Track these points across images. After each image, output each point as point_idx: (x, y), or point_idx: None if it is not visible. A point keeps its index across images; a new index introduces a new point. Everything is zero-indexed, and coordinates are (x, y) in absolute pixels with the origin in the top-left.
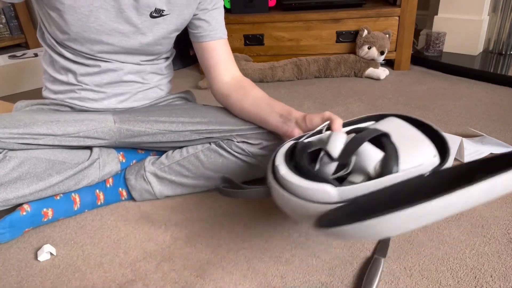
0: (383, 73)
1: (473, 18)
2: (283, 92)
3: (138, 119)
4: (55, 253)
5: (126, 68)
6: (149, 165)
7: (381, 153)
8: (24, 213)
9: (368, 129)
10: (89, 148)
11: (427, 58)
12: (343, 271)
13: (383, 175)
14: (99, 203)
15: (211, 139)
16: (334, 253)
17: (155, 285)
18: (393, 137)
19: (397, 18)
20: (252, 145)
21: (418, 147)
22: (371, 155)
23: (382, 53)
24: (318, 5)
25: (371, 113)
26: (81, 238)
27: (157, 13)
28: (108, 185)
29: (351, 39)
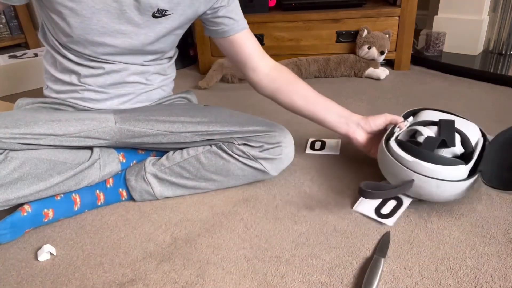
0: (383, 73)
1: (473, 18)
2: None
3: (138, 119)
4: (55, 253)
5: (130, 69)
6: (149, 166)
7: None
8: (24, 214)
9: (443, 120)
10: (90, 148)
11: (427, 58)
12: (343, 271)
13: (466, 151)
14: (99, 203)
15: (212, 141)
16: (334, 253)
17: (155, 285)
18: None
19: (397, 18)
20: (253, 148)
21: (469, 128)
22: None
23: (382, 53)
24: (318, 5)
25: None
26: (81, 238)
27: (160, 13)
28: (108, 185)
29: (351, 39)
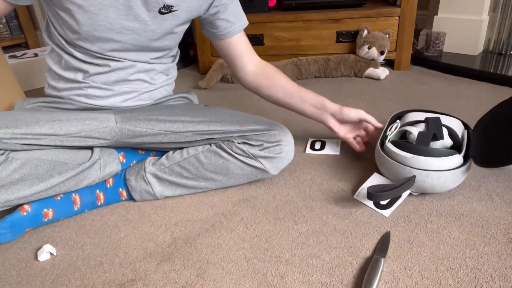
0: (383, 73)
1: (473, 18)
2: None
3: (139, 119)
4: (55, 253)
5: (136, 66)
6: (149, 166)
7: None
8: (24, 214)
9: (430, 117)
10: (90, 148)
11: (427, 58)
12: (343, 271)
13: (455, 142)
14: (99, 203)
15: (211, 140)
16: (334, 253)
17: (155, 285)
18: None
19: (397, 18)
20: (253, 147)
21: (453, 122)
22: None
23: (382, 53)
24: (318, 5)
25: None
26: (81, 238)
27: (166, 9)
28: (108, 185)
29: (351, 39)
